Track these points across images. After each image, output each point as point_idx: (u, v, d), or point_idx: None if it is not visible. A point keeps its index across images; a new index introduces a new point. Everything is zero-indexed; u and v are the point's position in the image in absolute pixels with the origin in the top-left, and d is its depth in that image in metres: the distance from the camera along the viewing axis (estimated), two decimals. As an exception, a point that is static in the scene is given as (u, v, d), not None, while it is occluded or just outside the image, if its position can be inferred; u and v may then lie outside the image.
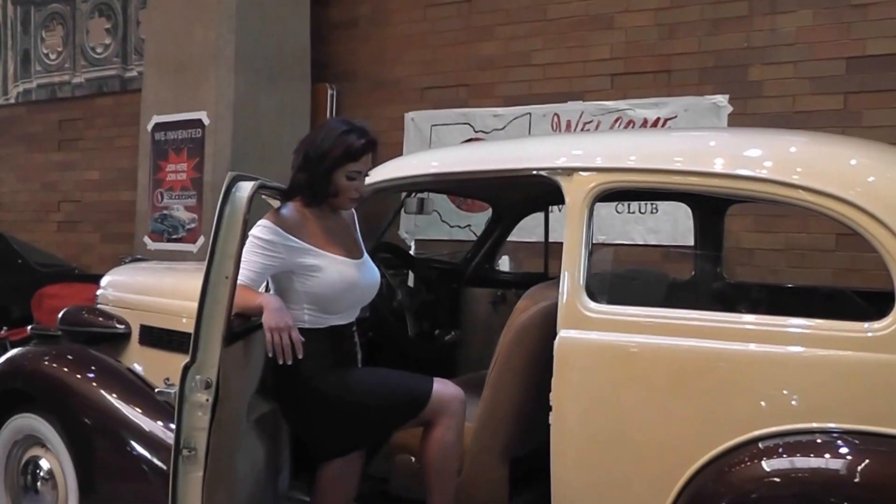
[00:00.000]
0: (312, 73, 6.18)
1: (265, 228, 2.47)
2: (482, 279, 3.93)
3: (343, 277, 2.53)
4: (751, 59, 4.80)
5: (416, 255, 4.59)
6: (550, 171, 2.50)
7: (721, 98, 4.83)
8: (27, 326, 4.08)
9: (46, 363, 3.24)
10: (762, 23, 4.77)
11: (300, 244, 2.50)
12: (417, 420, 2.56)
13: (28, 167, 8.11)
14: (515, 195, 3.72)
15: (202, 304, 2.29)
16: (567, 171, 2.45)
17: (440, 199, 5.24)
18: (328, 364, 2.54)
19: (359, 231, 2.77)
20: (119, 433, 2.97)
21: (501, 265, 4.59)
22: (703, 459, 2.11)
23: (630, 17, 5.18)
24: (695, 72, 4.96)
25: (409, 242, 5.78)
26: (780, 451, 2.03)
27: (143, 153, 6.19)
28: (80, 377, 3.15)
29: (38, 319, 5.01)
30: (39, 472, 3.21)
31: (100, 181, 7.55)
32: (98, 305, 3.59)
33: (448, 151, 3.92)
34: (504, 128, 5.59)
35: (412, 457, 2.73)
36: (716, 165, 2.31)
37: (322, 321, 2.55)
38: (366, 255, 2.71)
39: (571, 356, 2.32)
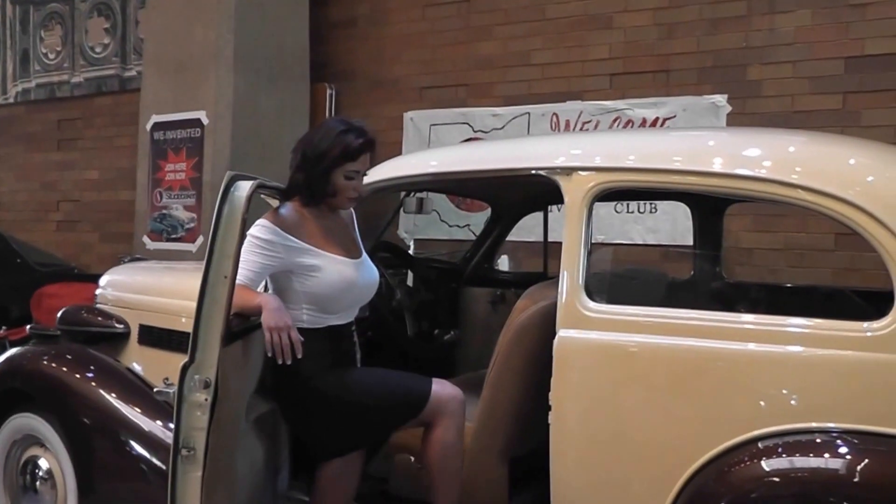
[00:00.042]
0: (311, 73, 6.18)
1: (264, 228, 2.47)
2: (481, 279, 3.93)
3: (342, 277, 2.53)
4: (749, 59, 4.80)
5: (416, 255, 4.58)
6: (549, 171, 2.50)
7: (720, 98, 4.83)
8: (26, 326, 4.08)
9: (45, 363, 3.23)
10: (761, 22, 4.77)
11: (299, 244, 2.49)
12: (417, 420, 2.56)
13: (27, 167, 8.11)
14: (514, 195, 3.72)
15: (201, 304, 2.29)
16: (566, 171, 2.45)
17: (439, 199, 5.23)
18: (327, 364, 2.54)
19: (357, 231, 2.77)
20: (118, 433, 2.97)
21: (500, 265, 4.58)
22: (703, 459, 2.11)
23: (629, 17, 5.18)
24: (693, 71, 4.96)
25: (409, 242, 5.78)
26: (780, 451, 2.03)
27: (142, 153, 6.20)
28: (80, 377, 3.14)
29: (38, 319, 5.01)
30: (38, 472, 3.20)
31: (99, 181, 7.54)
32: (97, 305, 3.59)
33: (447, 151, 3.91)
34: (503, 127, 5.59)
35: (412, 457, 2.73)
36: (715, 165, 2.31)
37: (321, 321, 2.54)
38: (364, 255, 2.71)
39: (571, 356, 2.32)
